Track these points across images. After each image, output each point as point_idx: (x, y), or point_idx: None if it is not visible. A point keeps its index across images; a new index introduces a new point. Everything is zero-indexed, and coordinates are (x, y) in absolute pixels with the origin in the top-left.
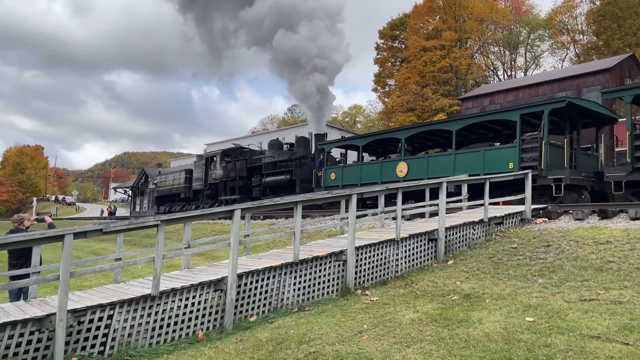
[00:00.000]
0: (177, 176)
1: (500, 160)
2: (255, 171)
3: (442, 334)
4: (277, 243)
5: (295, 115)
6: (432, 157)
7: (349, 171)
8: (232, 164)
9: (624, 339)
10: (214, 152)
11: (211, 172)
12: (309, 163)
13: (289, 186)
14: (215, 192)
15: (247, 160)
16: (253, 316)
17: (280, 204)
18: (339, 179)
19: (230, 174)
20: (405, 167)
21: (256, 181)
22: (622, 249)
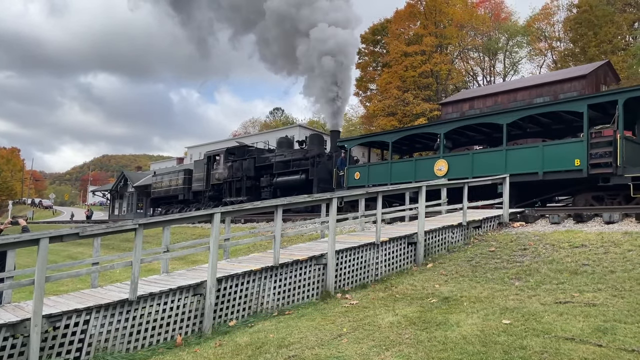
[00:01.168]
0: (175, 177)
1: (563, 157)
2: (264, 171)
3: (420, 336)
4: (258, 247)
5: (277, 118)
6: (479, 154)
7: (377, 170)
8: (238, 163)
9: (597, 340)
10: (216, 150)
11: (214, 172)
12: (325, 162)
13: (304, 187)
14: (218, 193)
15: (256, 159)
16: (232, 320)
17: (261, 208)
18: (364, 178)
19: (237, 174)
20: (445, 165)
21: (265, 181)
22: (597, 253)
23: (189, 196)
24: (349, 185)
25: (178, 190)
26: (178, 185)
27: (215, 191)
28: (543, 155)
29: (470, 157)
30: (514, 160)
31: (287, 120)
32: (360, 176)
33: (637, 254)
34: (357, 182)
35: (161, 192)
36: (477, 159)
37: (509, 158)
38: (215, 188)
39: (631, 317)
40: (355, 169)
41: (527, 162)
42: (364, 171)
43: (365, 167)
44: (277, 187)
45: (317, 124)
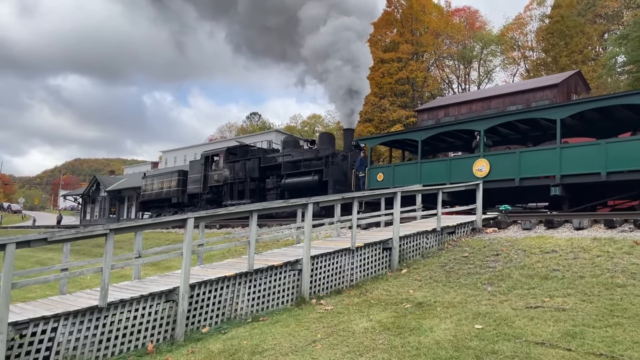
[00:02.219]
0: (168, 178)
1: (635, 156)
2: (270, 172)
3: (394, 342)
4: (233, 252)
5: (254, 123)
6: (527, 153)
7: (404, 171)
8: (240, 164)
9: (566, 344)
10: (215, 150)
11: (212, 173)
12: (339, 162)
13: (317, 189)
14: (217, 196)
15: (261, 159)
16: (205, 327)
17: (236, 213)
18: (389, 180)
19: (239, 175)
20: (486, 165)
21: (272, 183)
22: (567, 258)
23: (184, 199)
24: (371, 187)
25: (171, 193)
26: (171, 187)
27: (213, 194)
28: (607, 154)
29: (516, 157)
30: (571, 159)
31: (264, 125)
32: (384, 178)
33: (605, 260)
34: (380, 184)
35: (152, 195)
36: (525, 158)
37: (564, 157)
38: (213, 190)
39: (599, 322)
40: (378, 170)
41: (587, 161)
42: (388, 172)
43: (389, 168)
44: (285, 189)
45: (295, 129)
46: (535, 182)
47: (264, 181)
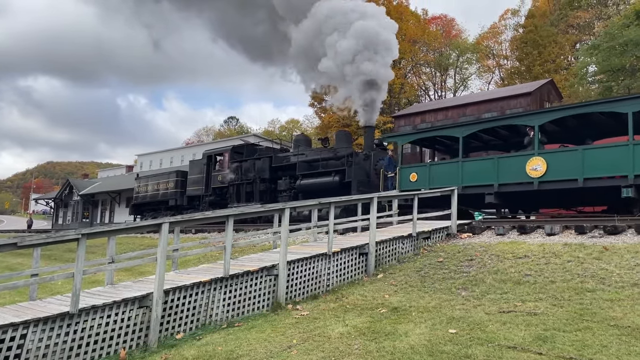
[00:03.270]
0: (165, 179)
1: None
2: (282, 172)
3: (369, 347)
4: (209, 257)
5: (232, 127)
6: (593, 150)
7: (442, 171)
8: (248, 164)
9: (537, 348)
10: (218, 148)
11: (215, 174)
12: (361, 162)
13: (337, 190)
14: (220, 198)
15: (272, 158)
16: (180, 333)
17: (212, 218)
18: (424, 180)
19: (247, 176)
20: (543, 164)
21: (284, 184)
22: (539, 263)
23: (183, 201)
24: (403, 188)
25: (168, 195)
26: (169, 189)
27: (217, 196)
28: None
29: (579, 154)
30: None
31: (241, 129)
32: (418, 178)
33: (576, 265)
34: (413, 185)
35: (146, 198)
36: (590, 156)
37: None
38: (217, 192)
39: (569, 326)
40: (411, 170)
41: None
42: (424, 172)
43: (424, 167)
44: (301, 190)
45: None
46: (603, 183)
47: (276, 182)
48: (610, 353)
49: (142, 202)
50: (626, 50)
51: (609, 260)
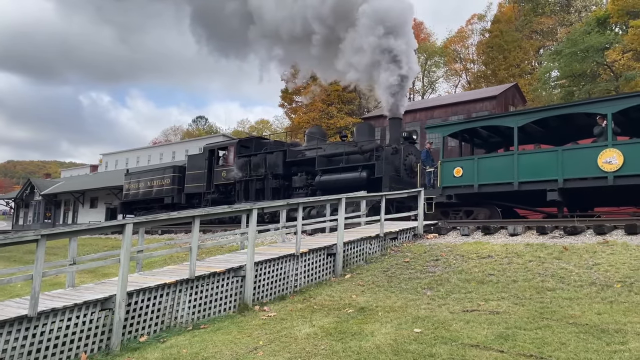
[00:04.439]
0: (160, 175)
1: None
2: (297, 168)
3: (335, 347)
4: (175, 259)
5: (200, 127)
6: None
7: (493, 165)
8: (258, 158)
9: (499, 347)
10: (221, 142)
11: (219, 170)
12: (389, 156)
13: (365, 187)
14: (225, 196)
15: (286, 152)
16: (143, 336)
17: (178, 218)
18: (471, 175)
19: (257, 172)
20: (619, 157)
21: (300, 181)
22: (501, 263)
23: (181, 199)
24: (445, 184)
25: (164, 192)
26: (164, 185)
27: (220, 193)
28: None
29: None
30: None
31: (210, 129)
32: (464, 173)
33: (537, 265)
34: (458, 181)
35: (138, 195)
36: None
37: None
38: (220, 189)
39: (530, 324)
40: (455, 164)
41: None
42: (470, 166)
43: (471, 161)
44: (321, 187)
45: (242, 134)
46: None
47: (290, 179)
48: (569, 350)
49: (133, 200)
50: (587, 56)
51: (568, 260)
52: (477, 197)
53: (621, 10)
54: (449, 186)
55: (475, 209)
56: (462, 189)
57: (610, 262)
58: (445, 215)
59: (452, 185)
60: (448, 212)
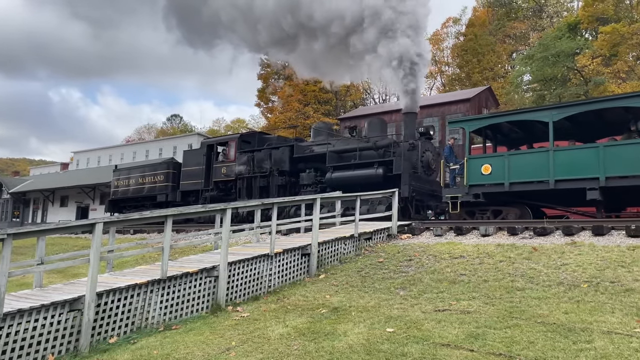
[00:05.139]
0: (152, 172)
1: None
2: (305, 164)
3: (308, 347)
4: (147, 259)
5: (175, 125)
6: None
7: (525, 162)
8: (263, 154)
9: (469, 345)
10: (222, 137)
11: (218, 166)
12: (406, 152)
13: (382, 185)
14: (224, 193)
15: (293, 148)
16: (113, 337)
17: (150, 218)
18: (501, 172)
19: (262, 167)
20: None
21: (309, 178)
22: (473, 263)
23: (175, 197)
24: (471, 182)
25: (157, 190)
26: (157, 182)
27: (219, 191)
28: None
29: None
30: None
31: (185, 127)
32: (493, 170)
33: (507, 265)
34: (487, 179)
35: (127, 193)
36: None
37: None
38: (220, 187)
39: (500, 323)
40: (482, 161)
41: None
42: (500, 164)
43: (501, 158)
44: (332, 185)
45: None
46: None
47: (297, 175)
48: (537, 349)
49: (122, 197)
50: (558, 60)
51: (537, 260)
52: (507, 196)
53: (591, 16)
54: (476, 184)
55: (504, 208)
56: (491, 187)
57: (578, 262)
58: (471, 215)
59: (479, 184)
60: (474, 212)
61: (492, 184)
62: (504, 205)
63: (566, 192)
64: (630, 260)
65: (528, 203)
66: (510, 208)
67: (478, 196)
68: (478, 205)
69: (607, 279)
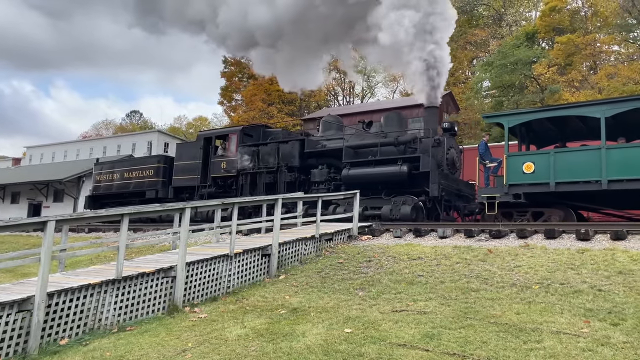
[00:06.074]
0: (140, 165)
1: None
2: (318, 159)
3: (266, 348)
4: (102, 258)
5: (135, 122)
6: None
7: (574, 160)
8: (270, 148)
9: (425, 345)
10: (222, 129)
11: (217, 161)
12: (429, 149)
13: (405, 183)
14: (223, 190)
15: (304, 142)
16: (64, 339)
17: (105, 216)
18: (545, 172)
19: (268, 162)
20: None
21: (321, 175)
22: (430, 264)
23: (167, 193)
24: (511, 182)
25: (146, 185)
26: (146, 177)
27: (218, 187)
28: None
29: None
30: None
31: (145, 124)
32: (536, 169)
33: (463, 266)
34: (529, 178)
35: (112, 188)
36: None
37: None
38: (218, 183)
39: (455, 324)
40: (524, 158)
41: None
42: (545, 162)
43: (546, 156)
44: (349, 182)
45: (179, 131)
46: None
47: (308, 172)
48: (489, 349)
49: (104, 193)
50: (516, 68)
51: (492, 262)
52: (552, 197)
53: (548, 26)
54: (516, 184)
55: (546, 210)
56: (534, 187)
57: (530, 264)
58: (508, 217)
59: (520, 183)
60: (512, 213)
61: (536, 183)
62: (544, 206)
63: (620, 193)
64: (579, 262)
65: (573, 204)
66: (553, 210)
67: (519, 196)
68: (516, 207)
69: (557, 281)
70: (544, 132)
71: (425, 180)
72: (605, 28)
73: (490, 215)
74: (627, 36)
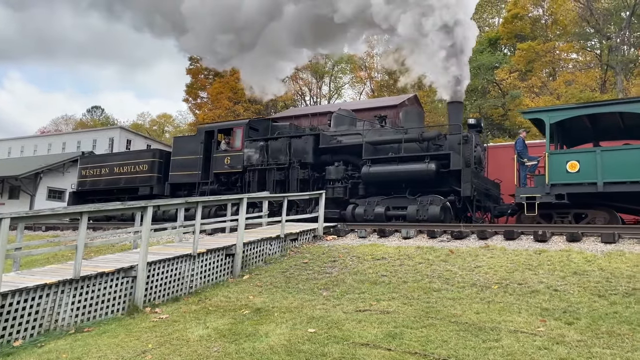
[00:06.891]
0: (132, 160)
1: None
2: (335, 156)
3: (229, 349)
4: (59, 257)
5: (96, 118)
6: None
7: (622, 159)
8: (280, 143)
9: (387, 345)
10: (225, 123)
11: (220, 156)
12: (456, 146)
13: (433, 181)
14: (227, 187)
15: (319, 137)
16: (18, 340)
17: (63, 215)
18: (590, 171)
19: (279, 158)
20: None
21: (337, 172)
22: (394, 265)
23: (163, 190)
24: (553, 181)
25: (139, 181)
26: (139, 173)
27: (221, 184)
28: None
29: None
30: None
31: (107, 120)
32: (581, 168)
33: (426, 267)
34: (573, 178)
35: (99, 184)
36: None
37: None
38: (221, 180)
39: (417, 323)
40: (567, 157)
41: None
42: (590, 160)
43: (591, 154)
44: (370, 181)
45: (142, 128)
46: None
47: (323, 169)
48: (449, 347)
49: (91, 189)
50: (479, 73)
51: (453, 263)
52: (597, 197)
53: (510, 33)
54: (559, 184)
55: (589, 211)
56: (579, 187)
57: (490, 265)
58: (547, 218)
59: (564, 183)
60: (551, 215)
61: (581, 183)
62: (587, 207)
63: None
64: (537, 263)
65: (619, 206)
66: (597, 211)
67: (562, 197)
68: (557, 208)
69: (515, 281)
70: (578, 131)
71: (454, 179)
72: (565, 36)
73: (528, 217)
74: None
